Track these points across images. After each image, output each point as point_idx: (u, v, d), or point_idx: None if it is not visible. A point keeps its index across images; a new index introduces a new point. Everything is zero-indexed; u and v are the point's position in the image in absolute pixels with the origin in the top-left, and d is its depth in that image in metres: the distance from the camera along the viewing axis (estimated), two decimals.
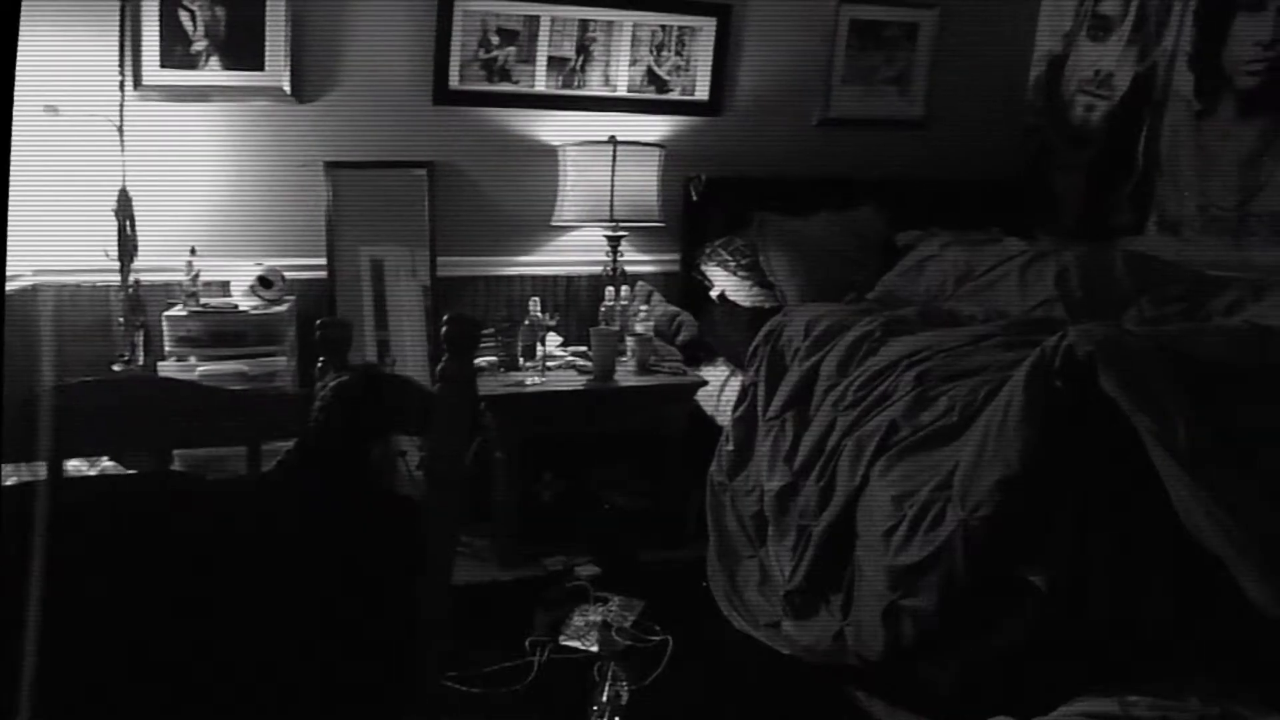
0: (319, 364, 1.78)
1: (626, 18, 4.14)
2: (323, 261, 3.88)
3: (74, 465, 2.82)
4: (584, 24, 4.09)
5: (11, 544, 1.29)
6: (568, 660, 2.89)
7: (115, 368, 3.33)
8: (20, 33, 0.86)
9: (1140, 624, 2.11)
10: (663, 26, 4.21)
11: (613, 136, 3.99)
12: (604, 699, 2.59)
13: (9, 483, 1.58)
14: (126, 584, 1.41)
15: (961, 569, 2.28)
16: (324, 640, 1.52)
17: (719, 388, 3.89)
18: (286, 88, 3.72)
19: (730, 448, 3.35)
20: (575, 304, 4.31)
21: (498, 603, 3.23)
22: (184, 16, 3.58)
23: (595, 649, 2.93)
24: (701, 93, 4.36)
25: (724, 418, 3.59)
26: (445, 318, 1.57)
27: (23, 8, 0.86)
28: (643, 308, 3.97)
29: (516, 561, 3.51)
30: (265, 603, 1.48)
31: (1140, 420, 1.99)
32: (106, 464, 2.85)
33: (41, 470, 1.62)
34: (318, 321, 1.79)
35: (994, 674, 2.30)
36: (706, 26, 4.25)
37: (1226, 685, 1.99)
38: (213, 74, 3.67)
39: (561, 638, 2.99)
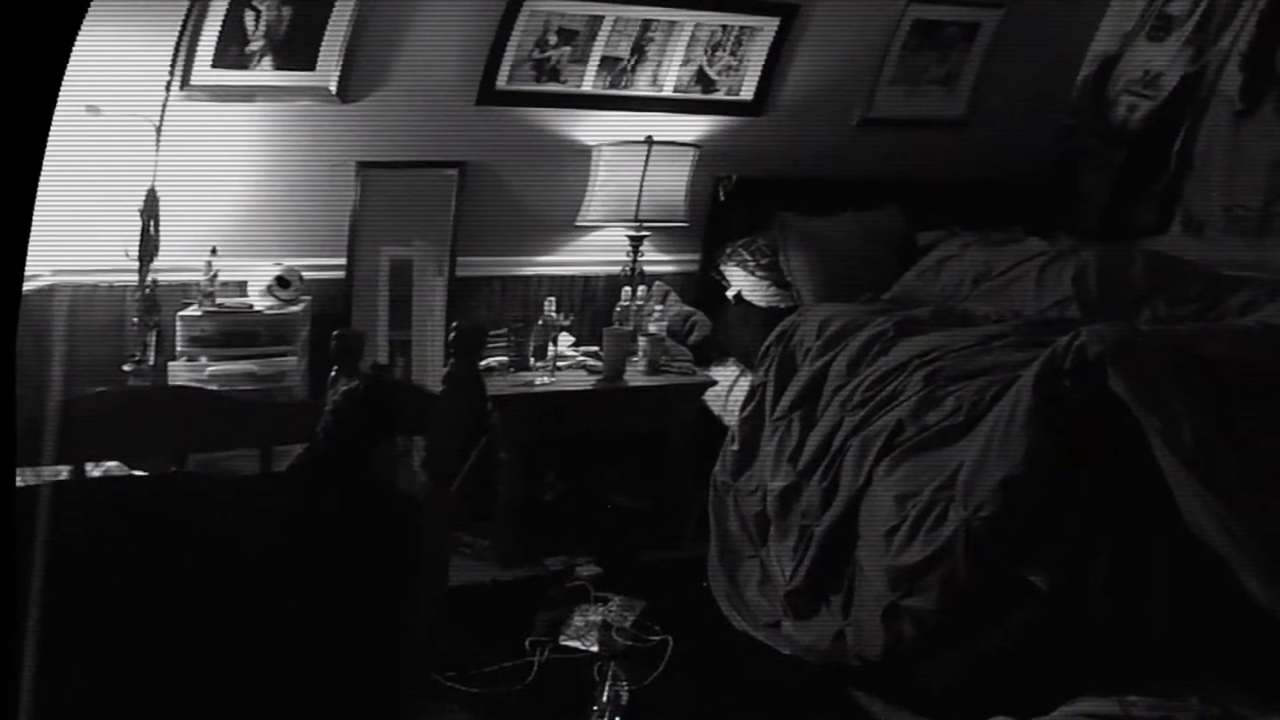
0: (333, 372, 1.84)
1: (690, 17, 4.05)
2: (342, 261, 3.87)
3: None
4: (646, 24, 4.00)
5: (20, 544, 1.30)
6: (568, 660, 2.88)
7: (125, 368, 3.33)
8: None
9: (1140, 624, 2.10)
10: (724, 26, 4.13)
11: (649, 137, 3.97)
12: (604, 699, 2.59)
13: (20, 483, 1.59)
14: (131, 582, 1.42)
15: (963, 569, 2.27)
16: (327, 637, 1.53)
17: (728, 388, 3.88)
18: (333, 88, 3.66)
19: (735, 447, 3.33)
20: (591, 304, 4.31)
21: (498, 603, 3.22)
22: (248, 16, 3.49)
23: (595, 649, 2.92)
24: (747, 93, 4.29)
25: (731, 418, 3.58)
26: (453, 325, 1.66)
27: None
28: (658, 308, 3.96)
29: (517, 561, 3.49)
30: (267, 602, 1.49)
31: (1147, 420, 1.98)
32: (110, 464, 2.86)
33: (50, 474, 1.64)
34: (335, 333, 1.86)
35: (994, 674, 2.30)
36: (768, 27, 4.16)
37: (1226, 685, 1.97)
38: (262, 74, 3.60)
39: (561, 638, 2.98)
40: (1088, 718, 1.95)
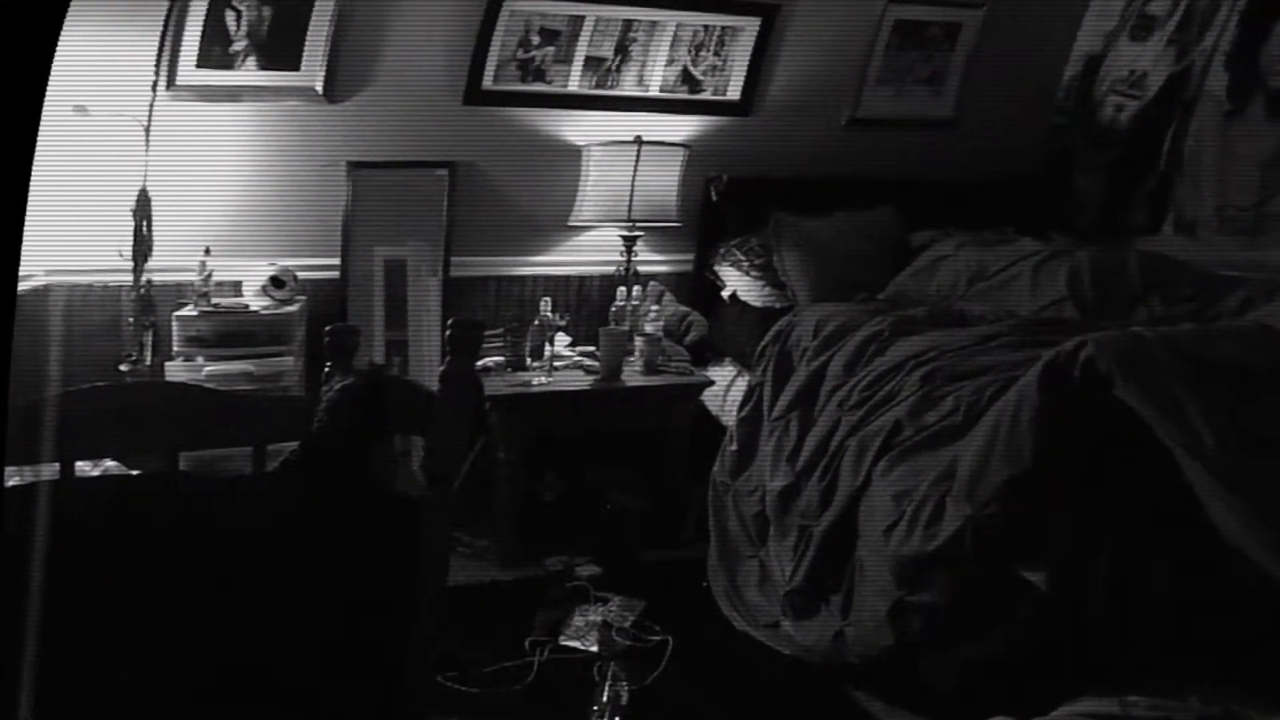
0: (326, 367, 1.81)
1: (671, 18, 4.06)
2: (336, 261, 3.87)
3: (77, 466, 2.83)
4: (628, 24, 4.02)
5: (15, 544, 1.29)
6: (568, 660, 2.88)
7: (122, 367, 3.33)
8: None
9: (1140, 624, 2.09)
10: (705, 26, 4.14)
11: (638, 137, 3.96)
12: (604, 699, 2.58)
13: (13, 483, 1.58)
14: (128, 583, 1.41)
15: (972, 565, 2.27)
16: (323, 638, 1.52)
17: (725, 388, 3.88)
18: (319, 88, 3.67)
19: (734, 448, 3.33)
20: (587, 304, 4.31)
21: (498, 603, 3.22)
22: (229, 16, 3.50)
23: (595, 649, 2.92)
24: (734, 93, 4.30)
25: (729, 418, 3.58)
26: (450, 321, 1.62)
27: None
28: (654, 308, 3.96)
29: (517, 561, 3.50)
30: (265, 600, 1.48)
31: (1167, 430, 1.96)
32: (109, 464, 2.86)
33: (46, 471, 1.63)
34: (327, 328, 1.83)
35: (994, 674, 2.29)
36: (750, 26, 4.17)
37: (1226, 685, 1.96)
38: (248, 74, 3.61)
39: (561, 638, 2.98)
40: (1088, 718, 1.94)
